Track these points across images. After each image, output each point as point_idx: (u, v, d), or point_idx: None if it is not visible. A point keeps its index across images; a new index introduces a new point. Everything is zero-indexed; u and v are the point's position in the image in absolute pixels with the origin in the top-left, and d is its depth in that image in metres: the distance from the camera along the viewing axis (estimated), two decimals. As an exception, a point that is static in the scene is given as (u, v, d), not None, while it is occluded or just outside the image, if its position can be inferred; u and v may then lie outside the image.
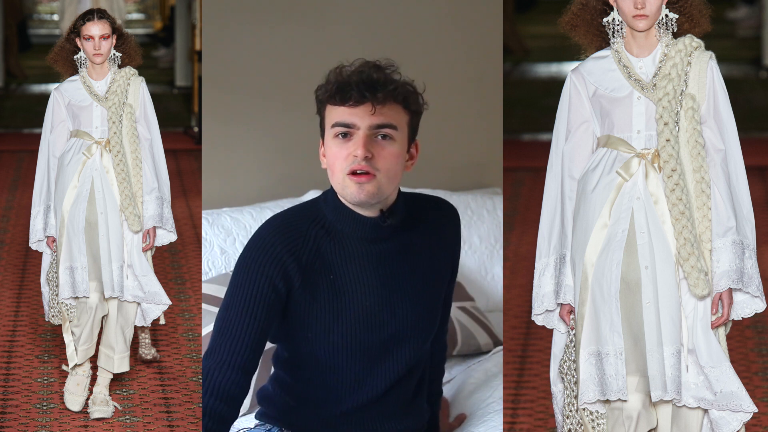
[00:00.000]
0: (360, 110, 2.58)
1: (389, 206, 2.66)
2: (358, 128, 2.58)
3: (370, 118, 2.58)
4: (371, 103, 2.57)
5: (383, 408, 2.74)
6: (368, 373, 2.69)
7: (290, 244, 2.60)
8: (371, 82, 2.59)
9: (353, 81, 2.58)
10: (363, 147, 2.57)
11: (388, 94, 2.59)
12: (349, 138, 2.59)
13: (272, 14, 4.40)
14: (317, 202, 2.70)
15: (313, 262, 2.61)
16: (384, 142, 2.59)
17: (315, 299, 2.62)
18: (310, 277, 2.61)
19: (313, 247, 2.62)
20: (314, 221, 2.65)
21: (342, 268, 2.64)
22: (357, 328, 2.65)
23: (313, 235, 2.63)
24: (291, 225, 2.65)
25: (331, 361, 2.67)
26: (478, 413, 3.26)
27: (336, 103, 2.60)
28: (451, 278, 2.85)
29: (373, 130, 2.58)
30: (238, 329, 2.59)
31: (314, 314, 2.63)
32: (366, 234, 2.65)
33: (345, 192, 2.60)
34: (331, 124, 2.60)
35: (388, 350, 2.69)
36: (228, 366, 2.58)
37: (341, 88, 2.58)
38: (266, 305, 2.59)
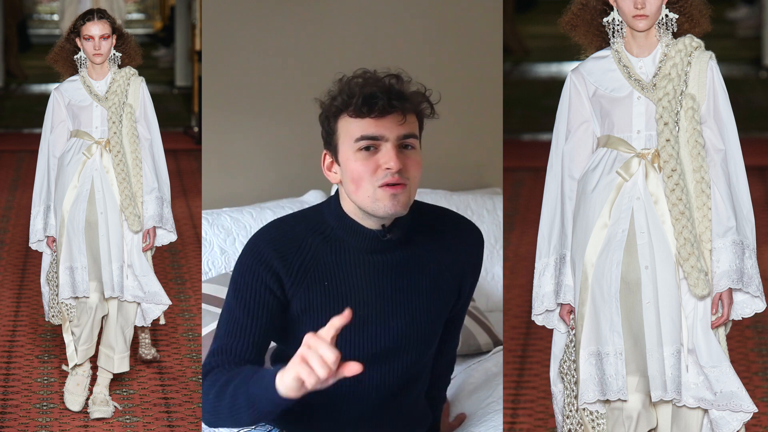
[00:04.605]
0: (387, 121, 2.49)
1: (392, 220, 2.61)
2: (387, 140, 2.49)
3: (398, 128, 2.49)
4: (401, 112, 2.50)
5: (382, 418, 2.72)
6: (361, 383, 2.65)
7: (281, 249, 2.58)
8: (397, 92, 2.50)
9: (378, 91, 2.48)
10: (396, 158, 2.48)
11: (413, 104, 2.53)
12: (375, 151, 2.50)
13: (272, 14, 4.40)
14: (321, 209, 2.66)
15: (308, 268, 2.59)
16: (408, 151, 2.53)
17: (309, 304, 2.60)
18: (303, 282, 2.59)
19: (309, 252, 2.59)
20: (314, 228, 2.62)
21: (338, 276, 2.61)
22: (348, 338, 2.61)
23: (310, 241, 2.60)
24: (285, 230, 2.61)
25: None
26: (478, 413, 3.26)
27: (359, 114, 2.49)
28: (459, 300, 2.77)
29: (401, 141, 2.51)
30: (242, 329, 2.59)
31: (307, 318, 2.61)
32: (366, 245, 2.61)
33: (376, 206, 2.52)
34: (355, 138, 2.50)
35: (381, 362, 2.65)
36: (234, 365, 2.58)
37: (367, 99, 2.48)
38: (266, 305, 2.59)
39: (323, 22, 4.43)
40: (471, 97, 4.56)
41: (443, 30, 4.59)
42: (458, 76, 4.55)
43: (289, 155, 4.40)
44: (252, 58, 4.37)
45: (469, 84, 4.55)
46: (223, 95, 4.33)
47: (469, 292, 2.80)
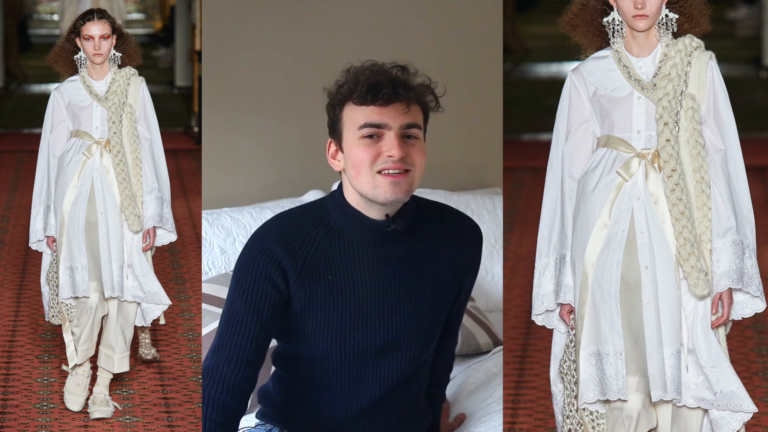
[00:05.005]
0: (391, 110, 2.53)
1: (397, 210, 2.62)
2: (390, 128, 2.53)
3: (402, 117, 2.53)
4: (405, 101, 2.53)
5: (383, 414, 2.72)
6: (362, 377, 2.67)
7: (286, 243, 2.59)
8: (402, 81, 2.54)
9: (383, 80, 2.52)
10: (399, 147, 2.51)
11: (418, 94, 2.56)
12: (378, 139, 2.53)
13: (272, 14, 4.40)
14: (324, 202, 2.68)
15: (312, 261, 2.60)
16: (411, 140, 2.55)
17: (312, 298, 2.61)
18: (307, 276, 2.60)
19: (312, 246, 2.60)
20: (317, 221, 2.63)
21: (342, 269, 2.62)
22: (350, 331, 2.62)
23: (313, 234, 2.61)
24: (289, 224, 2.63)
25: (324, 361, 2.66)
26: (478, 413, 3.25)
27: (363, 102, 2.53)
28: (459, 297, 2.77)
29: (404, 130, 2.54)
30: (243, 325, 2.60)
31: (310, 312, 2.62)
32: (370, 236, 2.62)
33: (376, 192, 2.54)
34: (359, 126, 2.54)
35: (382, 357, 2.66)
36: (236, 361, 2.60)
37: (372, 87, 2.52)
38: (268, 300, 2.59)
39: (323, 22, 4.43)
40: (471, 97, 4.55)
41: (443, 30, 4.59)
42: (458, 76, 4.55)
43: (289, 155, 4.40)
44: (252, 58, 4.37)
45: (469, 84, 4.55)
46: (223, 95, 4.33)
47: (468, 289, 2.80)
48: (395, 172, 2.52)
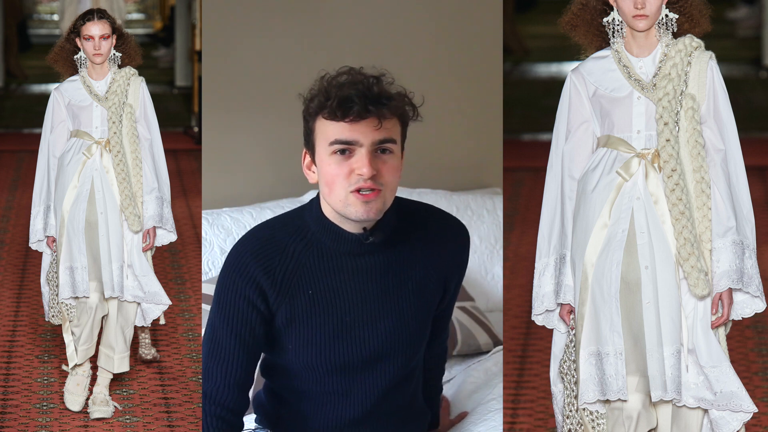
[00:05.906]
0: (362, 126, 2.44)
1: (374, 223, 2.56)
2: (361, 145, 2.44)
3: (374, 133, 2.44)
4: (377, 118, 2.43)
5: (377, 420, 2.69)
6: (351, 387, 2.64)
7: (265, 259, 2.54)
8: (374, 96, 2.44)
9: (354, 95, 2.42)
10: (369, 165, 2.43)
11: (391, 108, 2.46)
12: (350, 155, 2.45)
13: (272, 14, 4.40)
14: (302, 213, 2.62)
15: (291, 276, 2.55)
16: (384, 156, 2.47)
17: (294, 312, 2.57)
18: (288, 291, 2.55)
19: (291, 260, 2.55)
20: (296, 233, 2.57)
21: (323, 282, 2.57)
22: (335, 343, 2.59)
23: (292, 249, 2.56)
24: (268, 240, 2.57)
25: (311, 374, 2.62)
26: (479, 413, 3.25)
27: (333, 118, 2.45)
28: (444, 298, 2.73)
29: (376, 146, 2.45)
30: (227, 351, 2.57)
31: (293, 327, 2.58)
32: (348, 249, 2.57)
33: (347, 210, 2.48)
34: (329, 142, 2.46)
35: (371, 366, 2.63)
36: (225, 387, 2.58)
37: (342, 102, 2.42)
38: (249, 324, 2.56)
39: (323, 22, 4.43)
40: (471, 97, 4.56)
41: (443, 30, 4.59)
42: (458, 76, 4.55)
43: (289, 155, 4.38)
44: (252, 58, 4.36)
45: (469, 84, 4.55)
46: (223, 95, 4.33)
47: (454, 290, 2.76)
48: (366, 191, 2.46)
